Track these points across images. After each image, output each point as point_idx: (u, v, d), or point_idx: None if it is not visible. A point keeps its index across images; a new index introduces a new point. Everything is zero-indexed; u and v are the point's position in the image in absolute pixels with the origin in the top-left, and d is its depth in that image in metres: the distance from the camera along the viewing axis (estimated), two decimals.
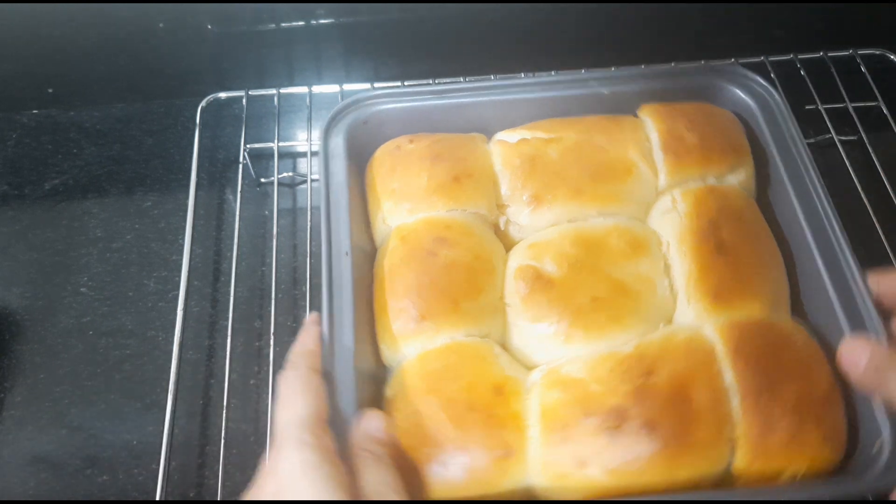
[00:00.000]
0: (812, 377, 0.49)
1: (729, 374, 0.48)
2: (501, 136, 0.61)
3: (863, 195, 0.70)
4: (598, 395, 0.48)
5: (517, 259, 0.56)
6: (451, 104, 0.63)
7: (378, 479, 0.43)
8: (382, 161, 0.61)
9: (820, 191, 0.56)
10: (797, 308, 0.56)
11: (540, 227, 0.58)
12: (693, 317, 0.52)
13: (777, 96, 0.63)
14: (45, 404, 0.65)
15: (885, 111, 0.77)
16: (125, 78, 0.82)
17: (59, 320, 0.69)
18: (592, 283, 0.53)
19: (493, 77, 0.73)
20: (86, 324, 0.69)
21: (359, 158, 0.62)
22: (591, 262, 0.54)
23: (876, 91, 0.78)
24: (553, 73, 0.71)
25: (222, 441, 0.58)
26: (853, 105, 0.78)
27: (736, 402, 0.48)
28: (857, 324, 0.51)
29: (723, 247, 0.54)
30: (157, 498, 0.56)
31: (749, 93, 0.64)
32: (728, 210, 0.56)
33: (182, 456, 0.61)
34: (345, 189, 0.57)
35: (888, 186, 0.72)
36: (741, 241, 0.54)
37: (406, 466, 0.47)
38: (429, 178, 0.58)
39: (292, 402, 0.45)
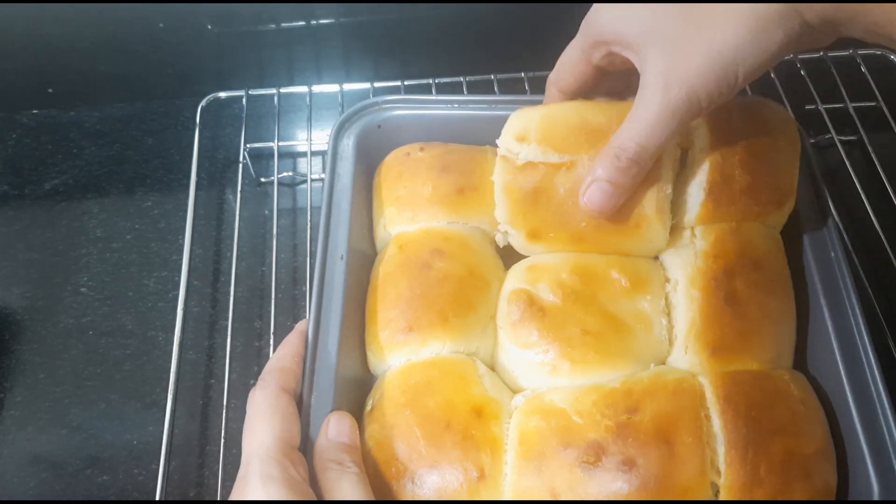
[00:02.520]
0: (805, 432, 0.47)
1: (717, 422, 0.47)
2: (508, 144, 0.54)
3: (863, 195, 0.70)
4: (579, 427, 0.46)
5: (513, 281, 0.54)
6: (469, 115, 0.61)
7: (348, 494, 0.43)
8: (391, 167, 0.61)
9: (836, 241, 0.54)
10: (800, 357, 0.54)
11: (534, 252, 0.56)
12: (687, 366, 0.50)
13: (797, 129, 0.57)
14: (45, 404, 0.65)
15: (885, 111, 0.77)
16: (125, 78, 0.82)
17: (59, 320, 0.69)
18: (585, 316, 0.51)
19: (497, 92, 0.72)
20: (86, 324, 0.69)
21: (370, 161, 0.62)
22: (589, 293, 0.52)
23: (876, 91, 0.78)
24: None
25: (222, 441, 0.59)
26: (853, 105, 0.78)
27: (722, 452, 0.46)
28: (859, 379, 0.49)
29: (734, 298, 0.51)
30: (157, 498, 0.56)
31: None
32: (749, 255, 0.52)
33: (182, 456, 0.61)
34: (348, 192, 0.57)
35: (888, 186, 0.72)
36: (755, 293, 0.51)
37: (378, 479, 0.47)
38: (433, 188, 0.57)
39: (259, 427, 0.44)
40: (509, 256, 0.58)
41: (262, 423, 0.44)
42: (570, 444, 0.46)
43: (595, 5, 0.51)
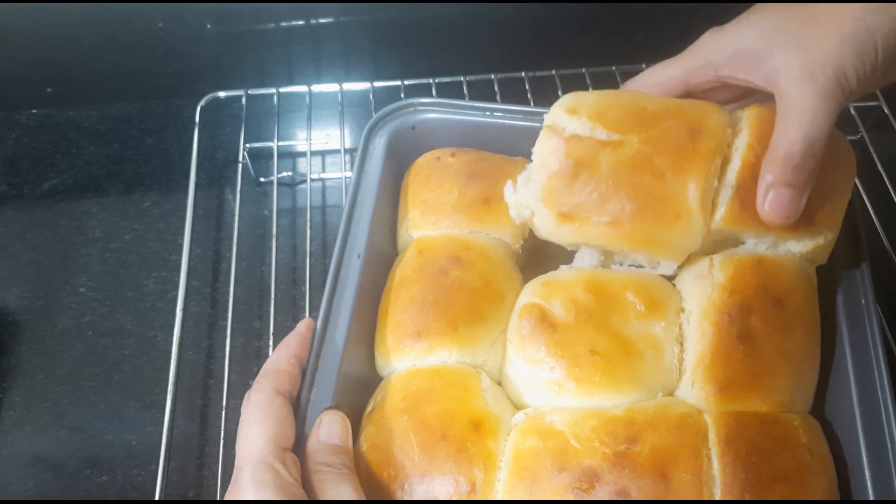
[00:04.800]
0: (809, 483, 0.46)
1: (716, 464, 0.46)
2: (556, 117, 0.50)
3: (863, 195, 0.70)
4: (576, 452, 0.46)
5: (528, 295, 0.54)
6: (504, 124, 0.61)
7: (339, 497, 0.43)
8: (420, 169, 0.60)
9: (869, 290, 0.52)
10: (818, 402, 0.52)
11: (560, 238, 0.53)
12: (694, 401, 0.49)
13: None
14: (44, 405, 0.64)
15: (886, 111, 0.77)
16: (124, 77, 0.82)
17: (58, 320, 0.69)
18: (596, 336, 0.50)
19: (497, 92, 0.72)
20: (85, 324, 0.69)
21: (400, 162, 0.61)
22: (602, 313, 0.51)
23: (877, 91, 0.78)
24: None
25: (221, 442, 0.58)
26: (854, 105, 0.78)
27: (718, 496, 0.45)
28: (874, 433, 0.48)
29: (748, 335, 0.49)
30: (157, 498, 0.56)
31: None
32: (770, 290, 0.50)
33: (181, 456, 0.61)
34: (374, 191, 0.57)
35: (889, 186, 0.72)
36: (772, 332, 0.49)
37: (369, 482, 0.47)
38: (459, 196, 0.57)
39: (252, 430, 0.44)
40: (528, 271, 0.57)
41: (255, 427, 0.44)
42: (565, 468, 0.45)
43: (708, 32, 0.51)
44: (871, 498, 0.46)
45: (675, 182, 0.49)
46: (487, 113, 0.61)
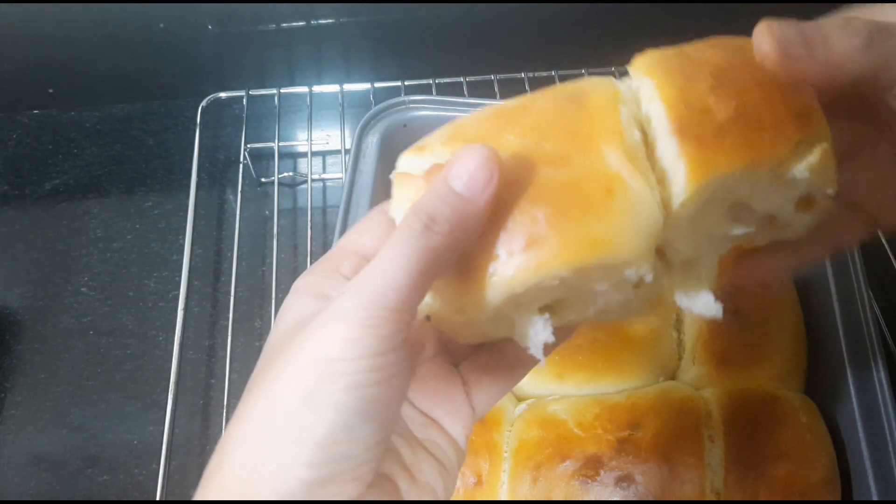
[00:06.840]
0: (810, 461, 0.47)
1: (719, 444, 0.46)
2: (403, 161, 0.36)
3: None
4: (579, 439, 0.46)
5: None
6: None
7: (393, 269, 0.27)
8: None
9: (860, 273, 0.53)
10: (811, 384, 0.53)
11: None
12: (696, 378, 0.50)
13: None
14: (45, 404, 0.65)
15: None
16: (126, 78, 0.82)
17: (59, 320, 0.69)
18: (596, 324, 0.51)
19: (497, 92, 0.72)
20: (86, 324, 0.69)
21: (393, 160, 0.61)
22: None
23: None
24: None
25: None
26: None
27: (722, 474, 0.45)
28: (870, 411, 0.48)
29: (740, 310, 0.51)
30: (158, 498, 0.56)
31: None
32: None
33: (182, 456, 0.61)
34: (368, 190, 0.57)
35: None
36: (762, 308, 0.52)
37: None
38: None
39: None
40: None
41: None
42: (569, 456, 0.46)
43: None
44: (871, 480, 0.46)
45: (584, 156, 0.30)
46: (480, 109, 0.61)
